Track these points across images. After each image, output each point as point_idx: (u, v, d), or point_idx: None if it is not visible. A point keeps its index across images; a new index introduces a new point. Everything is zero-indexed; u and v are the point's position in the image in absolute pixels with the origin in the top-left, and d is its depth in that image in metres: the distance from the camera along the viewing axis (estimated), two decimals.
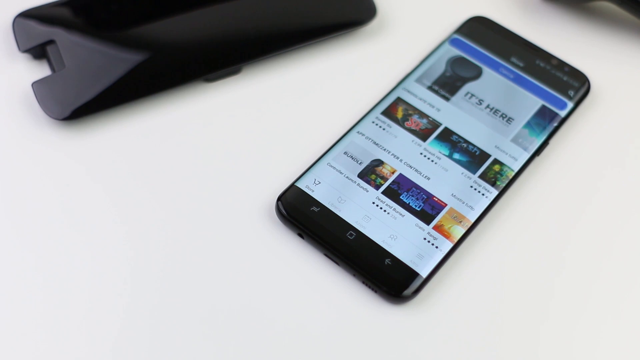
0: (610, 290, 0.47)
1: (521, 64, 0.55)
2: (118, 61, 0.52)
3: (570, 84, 0.54)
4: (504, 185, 0.49)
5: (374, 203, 0.48)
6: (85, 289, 0.45)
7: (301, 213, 0.47)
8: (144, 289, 0.46)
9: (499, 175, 0.50)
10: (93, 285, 0.46)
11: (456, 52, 0.55)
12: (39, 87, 0.51)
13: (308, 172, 0.49)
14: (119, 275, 0.46)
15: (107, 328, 0.44)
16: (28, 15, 0.55)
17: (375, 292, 0.46)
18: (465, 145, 0.51)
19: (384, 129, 0.51)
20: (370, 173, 0.49)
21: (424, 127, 0.51)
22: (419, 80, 0.54)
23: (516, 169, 0.50)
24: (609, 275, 0.48)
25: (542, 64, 0.55)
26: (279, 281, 0.46)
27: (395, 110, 0.52)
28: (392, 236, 0.47)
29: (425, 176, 0.49)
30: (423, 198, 0.48)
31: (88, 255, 0.47)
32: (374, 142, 0.50)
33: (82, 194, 0.49)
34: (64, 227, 0.48)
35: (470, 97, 0.53)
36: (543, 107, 0.53)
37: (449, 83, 0.54)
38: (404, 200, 0.48)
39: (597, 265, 0.48)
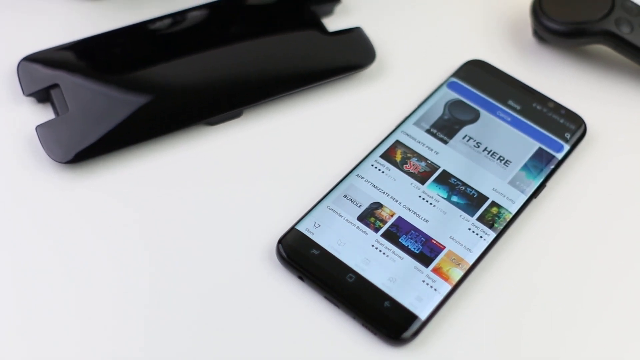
0: (609, 331, 0.48)
1: (518, 107, 0.56)
2: (121, 105, 0.53)
3: (567, 126, 0.55)
4: (501, 227, 0.50)
5: (373, 246, 0.49)
6: (86, 331, 0.46)
7: (301, 256, 0.48)
8: (145, 330, 0.46)
9: (496, 218, 0.50)
10: (95, 328, 0.46)
11: (454, 95, 0.56)
12: (43, 131, 0.52)
13: (308, 215, 0.50)
14: (120, 318, 0.46)
15: None
16: (32, 59, 0.56)
17: (375, 334, 0.46)
18: (463, 188, 0.51)
19: (383, 172, 0.52)
20: (370, 216, 0.50)
21: (422, 170, 0.52)
22: (417, 124, 0.54)
23: (514, 211, 0.51)
24: (608, 317, 0.48)
25: (538, 107, 0.56)
26: (280, 324, 0.47)
27: (394, 153, 0.53)
28: (391, 279, 0.47)
29: (424, 219, 0.50)
30: (422, 241, 0.49)
31: (88, 299, 0.47)
32: (373, 185, 0.51)
33: (84, 237, 0.49)
34: (67, 269, 0.48)
35: (468, 140, 0.54)
36: (540, 150, 0.54)
37: (447, 126, 0.54)
38: (403, 242, 0.49)
39: (597, 307, 0.48)
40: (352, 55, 0.58)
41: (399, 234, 0.49)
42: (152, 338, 0.46)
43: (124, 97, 0.54)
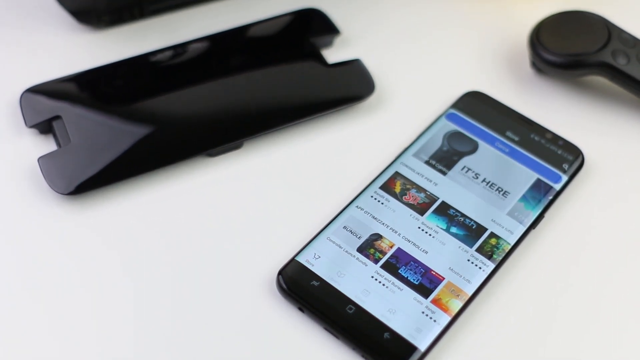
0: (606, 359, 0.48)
1: (516, 138, 0.56)
2: (122, 137, 0.54)
3: (565, 157, 0.56)
4: (500, 258, 0.50)
5: (372, 277, 0.49)
6: (89, 357, 0.46)
7: (301, 287, 0.48)
8: None
9: (495, 249, 0.51)
10: (96, 355, 0.46)
11: (453, 126, 0.57)
12: (45, 162, 0.53)
13: (308, 246, 0.50)
14: (120, 349, 0.47)
15: None
16: (35, 90, 0.57)
17: None
18: (462, 219, 0.52)
19: (382, 203, 0.52)
20: (369, 247, 0.50)
21: (421, 202, 0.52)
22: (416, 155, 0.55)
23: (512, 242, 0.51)
24: (609, 348, 0.48)
25: (536, 138, 0.56)
26: (281, 355, 0.47)
27: (394, 184, 0.53)
28: (390, 310, 0.47)
29: (423, 250, 0.50)
30: (421, 272, 0.49)
31: (89, 330, 0.47)
32: (373, 217, 0.51)
33: (86, 268, 0.50)
34: (67, 300, 0.48)
35: (466, 171, 0.54)
36: (538, 181, 0.54)
37: (445, 157, 0.55)
38: (403, 274, 0.49)
39: (597, 339, 0.49)
40: (351, 86, 0.58)
41: (399, 265, 0.49)
42: None
43: (125, 129, 0.54)
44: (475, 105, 0.58)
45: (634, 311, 0.50)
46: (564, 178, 0.55)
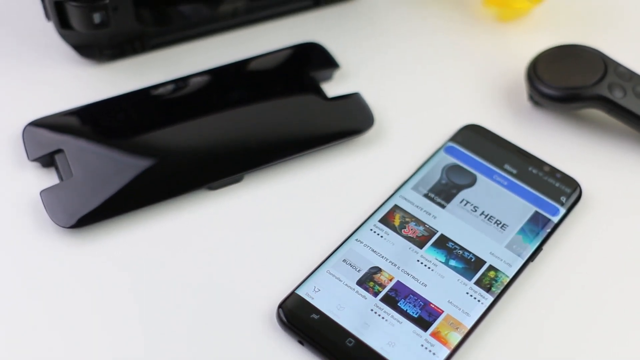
0: None
1: (514, 171, 0.57)
2: (123, 170, 0.54)
3: (562, 190, 0.56)
4: (499, 291, 0.51)
5: (372, 310, 0.49)
6: None
7: (301, 320, 0.48)
8: None
9: (494, 282, 0.51)
10: None
11: (451, 159, 0.57)
12: (47, 196, 0.53)
13: (308, 279, 0.50)
14: None
15: None
16: (37, 124, 0.57)
17: None
18: (460, 252, 0.52)
19: (381, 237, 0.53)
20: (369, 280, 0.50)
21: (420, 235, 0.53)
22: (415, 188, 0.55)
23: (511, 275, 0.51)
24: None
25: (534, 171, 0.57)
26: None
27: (393, 217, 0.54)
28: (390, 343, 0.48)
29: (422, 283, 0.51)
30: (420, 305, 0.50)
31: None
32: (372, 250, 0.52)
33: (86, 301, 0.50)
34: (69, 334, 0.48)
35: (465, 204, 0.55)
36: (536, 214, 0.55)
37: (444, 190, 0.55)
38: (402, 307, 0.49)
39: None
40: (351, 120, 0.59)
41: (398, 298, 0.50)
42: None
43: (126, 163, 0.55)
44: (474, 138, 0.59)
45: (632, 342, 0.50)
46: (562, 211, 0.55)
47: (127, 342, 0.48)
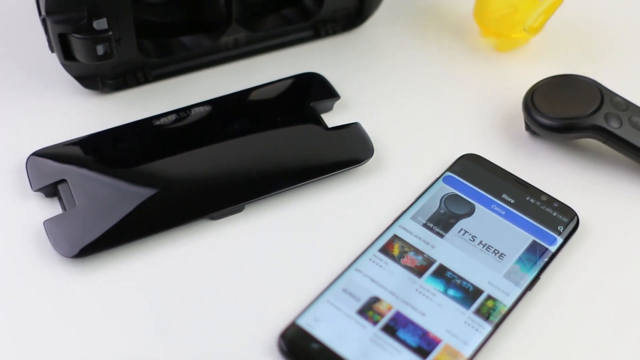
0: None
1: (512, 201, 0.57)
2: (126, 201, 0.55)
3: (560, 219, 0.57)
4: (497, 320, 0.51)
5: (372, 339, 0.50)
6: None
7: (302, 350, 0.49)
8: None
9: (492, 311, 0.52)
10: None
11: (450, 189, 0.58)
12: (50, 226, 0.54)
13: (308, 309, 0.51)
14: None
15: None
16: (41, 154, 0.58)
17: None
18: (459, 281, 0.53)
19: (381, 266, 0.53)
20: (368, 310, 0.51)
21: (419, 264, 0.53)
22: (414, 218, 0.56)
23: (509, 304, 0.52)
24: None
25: (532, 200, 0.58)
26: None
27: (392, 247, 0.54)
28: None
29: (421, 312, 0.51)
30: (419, 334, 0.50)
31: None
32: (372, 280, 0.52)
33: (89, 330, 0.50)
34: None
35: (463, 234, 0.55)
36: (534, 243, 0.55)
37: (443, 220, 0.56)
38: (401, 336, 0.50)
39: None
40: (351, 150, 0.60)
41: (397, 327, 0.50)
42: None
43: (129, 193, 0.55)
44: (472, 167, 0.59)
45: None
46: (559, 240, 0.56)
47: None
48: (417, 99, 0.66)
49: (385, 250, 0.54)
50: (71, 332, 0.50)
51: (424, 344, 0.50)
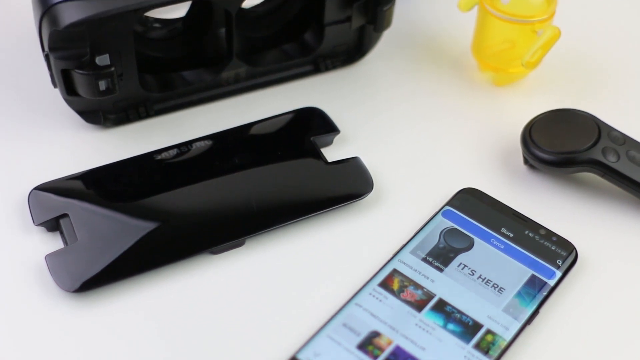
0: None
1: (511, 234, 0.58)
2: (127, 235, 0.55)
3: (558, 253, 0.57)
4: (496, 354, 0.51)
5: None
6: None
7: None
8: None
9: (491, 345, 0.52)
10: None
11: (449, 223, 0.58)
12: (52, 260, 0.54)
13: (308, 343, 0.51)
14: None
15: None
16: (43, 189, 0.58)
17: None
18: (458, 315, 0.53)
19: (380, 301, 0.53)
20: (368, 344, 0.51)
21: (419, 298, 0.54)
22: (413, 252, 0.56)
23: (508, 338, 0.52)
24: None
25: (531, 234, 0.58)
26: None
27: (392, 281, 0.55)
28: None
29: (421, 347, 0.51)
30: None
31: None
32: (372, 314, 0.53)
33: None
34: None
35: (463, 268, 0.56)
36: (533, 277, 0.55)
37: (442, 254, 0.56)
38: None
39: None
40: (350, 184, 0.60)
41: None
42: None
43: (130, 228, 0.56)
44: (471, 201, 0.60)
45: None
46: (558, 274, 0.56)
47: None
48: (416, 132, 0.66)
49: (385, 284, 0.54)
50: None
51: None
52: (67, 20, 0.56)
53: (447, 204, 0.60)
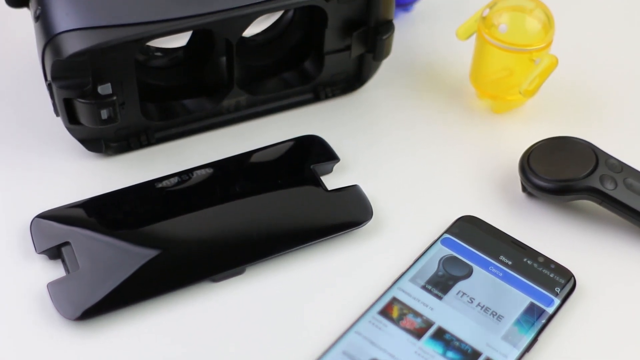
0: None
1: (509, 262, 0.58)
2: (128, 263, 0.56)
3: (557, 280, 0.57)
4: None
5: None
6: None
7: None
8: None
9: None
10: None
11: (448, 251, 0.59)
12: (54, 288, 0.54)
13: None
14: None
15: None
16: (45, 217, 0.59)
17: None
18: (458, 343, 0.53)
19: (380, 329, 0.54)
20: None
21: (418, 326, 0.54)
22: (413, 280, 0.57)
23: None
24: None
25: (529, 262, 0.58)
26: None
27: (391, 309, 0.55)
28: None
29: None
30: None
31: None
32: (371, 342, 0.53)
33: None
34: None
35: (462, 296, 0.56)
36: (531, 304, 0.56)
37: (441, 282, 0.57)
38: None
39: None
40: (350, 212, 0.61)
41: None
42: None
43: (131, 256, 0.56)
44: (469, 229, 0.60)
45: None
46: (557, 301, 0.56)
47: None
48: (415, 160, 0.67)
49: (385, 312, 0.55)
50: None
51: None
52: (70, 50, 0.56)
53: (446, 231, 0.60)
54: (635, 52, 0.79)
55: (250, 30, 0.65)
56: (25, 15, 0.65)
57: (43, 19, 0.58)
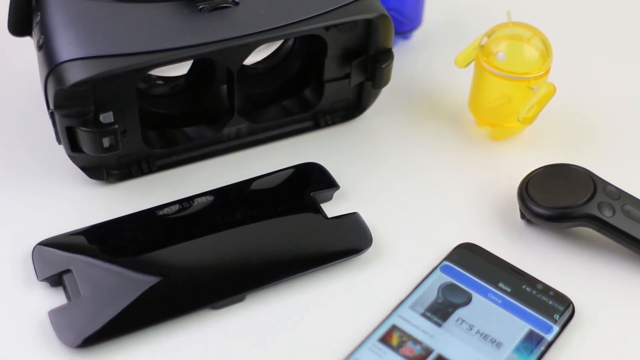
0: None
1: (508, 289, 0.58)
2: (129, 291, 0.56)
3: (556, 307, 0.58)
4: None
5: None
6: None
7: None
8: None
9: None
10: None
11: (447, 278, 0.59)
12: (55, 316, 0.55)
13: None
14: None
15: None
16: (46, 244, 0.59)
17: None
18: None
19: (380, 356, 0.54)
20: None
21: (417, 354, 0.54)
22: (412, 307, 0.57)
23: None
24: None
25: (528, 289, 0.59)
26: None
27: (391, 337, 0.55)
28: None
29: None
30: None
31: None
32: None
33: None
34: None
35: (461, 323, 0.56)
36: (530, 332, 0.56)
37: (441, 309, 0.57)
38: None
39: None
40: (350, 240, 0.61)
41: None
42: None
43: (132, 283, 0.56)
44: (468, 256, 0.60)
45: None
46: (555, 328, 0.56)
47: None
48: (415, 187, 0.67)
49: (385, 339, 0.55)
50: None
51: None
52: (73, 79, 0.57)
53: (445, 259, 0.60)
54: (633, 79, 0.79)
55: (251, 59, 0.66)
56: (28, 44, 0.66)
57: (46, 48, 0.59)
